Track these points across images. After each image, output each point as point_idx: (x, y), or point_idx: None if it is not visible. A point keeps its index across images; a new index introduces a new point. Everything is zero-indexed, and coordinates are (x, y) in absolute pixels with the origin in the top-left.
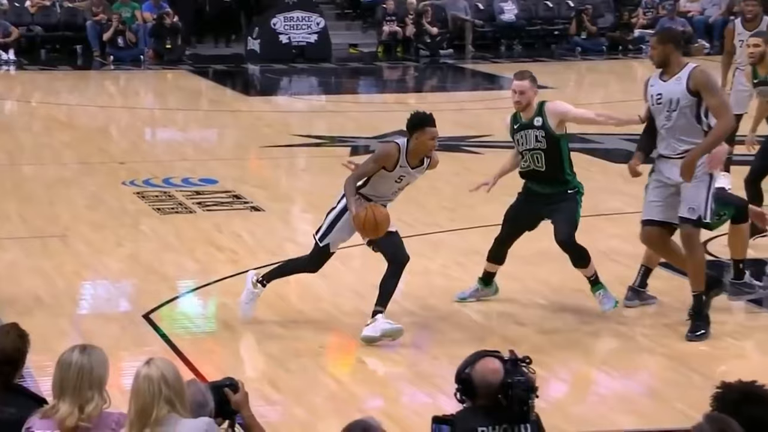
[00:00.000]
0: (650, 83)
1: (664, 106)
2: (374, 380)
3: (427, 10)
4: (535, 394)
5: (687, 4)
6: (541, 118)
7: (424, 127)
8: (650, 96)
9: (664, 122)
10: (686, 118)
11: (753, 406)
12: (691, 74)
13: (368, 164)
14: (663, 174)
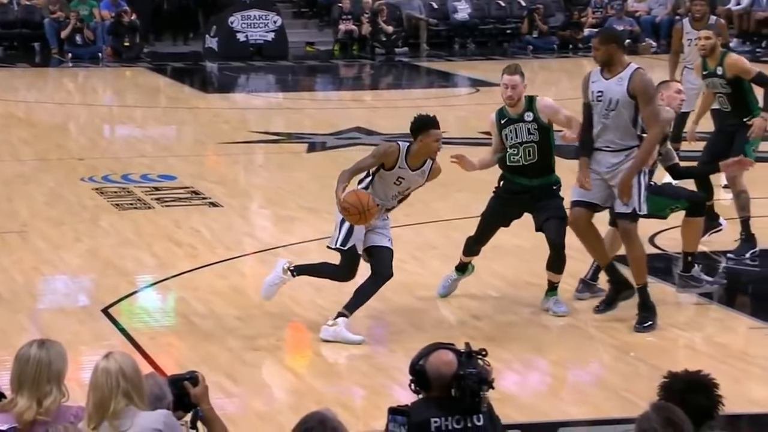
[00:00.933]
0: (591, 78)
1: (603, 103)
2: (332, 372)
3: (382, 9)
4: (488, 386)
5: (634, 4)
6: (532, 113)
7: (429, 129)
8: (591, 92)
9: (602, 119)
10: (623, 118)
11: (698, 395)
12: (632, 77)
13: (366, 159)
14: (594, 164)
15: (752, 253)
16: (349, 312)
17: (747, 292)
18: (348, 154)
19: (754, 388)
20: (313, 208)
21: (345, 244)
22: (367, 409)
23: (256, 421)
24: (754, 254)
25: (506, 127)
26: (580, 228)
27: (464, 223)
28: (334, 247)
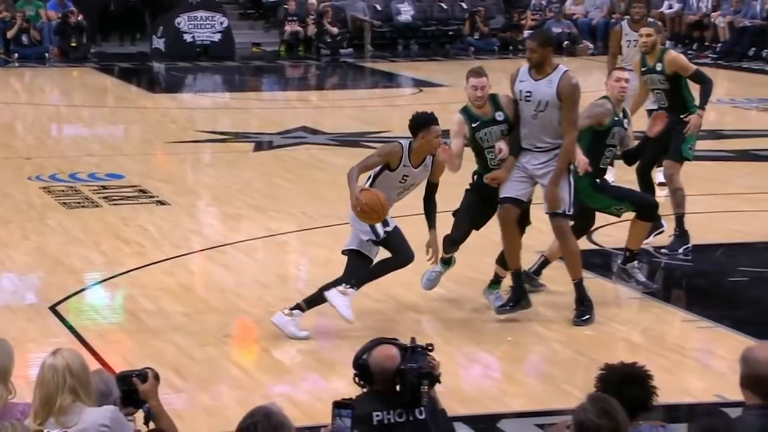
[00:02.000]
0: (519, 78)
1: (532, 104)
2: (278, 367)
3: (327, 11)
4: (429, 380)
5: (572, 7)
6: (502, 113)
7: (430, 126)
8: (518, 91)
9: (530, 119)
10: (550, 119)
11: (633, 387)
12: (561, 80)
13: (372, 158)
14: (521, 162)
15: (685, 248)
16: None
17: (681, 286)
18: (294, 153)
19: (687, 379)
20: (259, 207)
21: (388, 225)
22: (313, 404)
23: (203, 415)
24: (687, 250)
25: (480, 130)
26: (508, 224)
27: (409, 220)
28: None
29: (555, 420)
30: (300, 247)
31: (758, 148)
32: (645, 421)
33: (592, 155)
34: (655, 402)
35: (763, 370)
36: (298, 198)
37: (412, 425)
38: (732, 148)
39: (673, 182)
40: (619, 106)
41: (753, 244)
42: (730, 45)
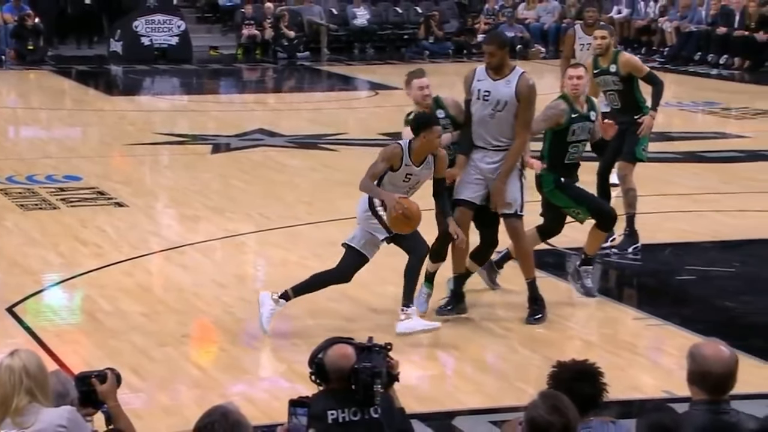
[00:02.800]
0: (477, 77)
1: (490, 103)
2: (236, 367)
3: (284, 15)
4: (386, 379)
5: (524, 12)
6: (443, 111)
7: (431, 125)
8: (476, 90)
9: (487, 119)
10: (507, 119)
11: (584, 383)
12: (520, 81)
13: (377, 165)
14: (475, 161)
15: (634, 248)
16: (410, 301)
17: (631, 285)
18: (251, 155)
19: (637, 376)
20: (217, 208)
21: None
22: (270, 402)
23: (161, 415)
24: (636, 249)
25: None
26: (462, 227)
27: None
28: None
29: (509, 417)
30: (257, 248)
31: (704, 150)
32: (596, 417)
33: (555, 154)
34: (606, 398)
35: (709, 367)
36: (255, 199)
37: (366, 423)
38: (679, 150)
39: (626, 183)
40: (579, 101)
41: (699, 243)
42: (677, 49)
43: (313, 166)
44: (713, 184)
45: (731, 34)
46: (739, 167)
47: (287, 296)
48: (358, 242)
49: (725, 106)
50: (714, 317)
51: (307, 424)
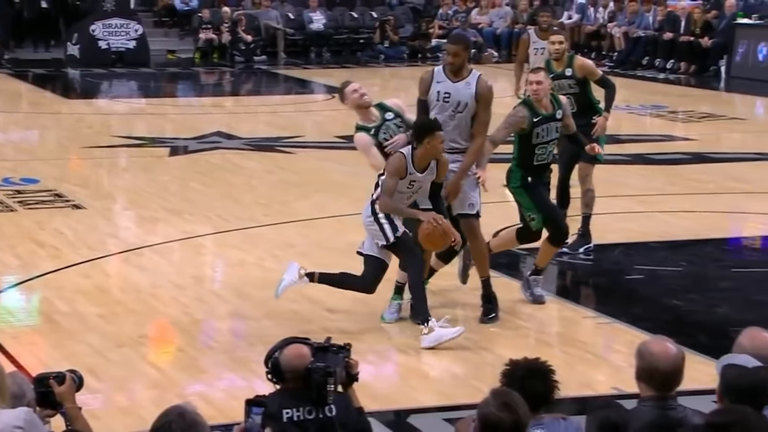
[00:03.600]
0: (436, 78)
1: (450, 105)
2: (193, 367)
3: (241, 19)
4: (340, 378)
5: (477, 17)
6: (391, 113)
7: (434, 131)
8: (436, 92)
9: (447, 120)
10: (467, 120)
11: (536, 381)
12: (479, 82)
13: (388, 182)
14: None
15: (586, 248)
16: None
17: (582, 284)
18: (209, 157)
19: (587, 373)
20: (175, 210)
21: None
22: (228, 402)
23: (118, 415)
24: (588, 250)
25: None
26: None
27: (321, 222)
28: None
29: (463, 414)
30: (215, 249)
31: (652, 152)
32: (547, 413)
33: (523, 155)
34: (558, 395)
35: (656, 363)
36: (213, 201)
37: (321, 422)
38: (628, 152)
39: (585, 183)
40: (542, 104)
41: (648, 243)
42: (626, 54)
43: (270, 169)
44: (661, 186)
45: (677, 40)
46: (685, 169)
47: (312, 277)
48: (371, 249)
49: (672, 110)
50: (662, 315)
51: (262, 423)
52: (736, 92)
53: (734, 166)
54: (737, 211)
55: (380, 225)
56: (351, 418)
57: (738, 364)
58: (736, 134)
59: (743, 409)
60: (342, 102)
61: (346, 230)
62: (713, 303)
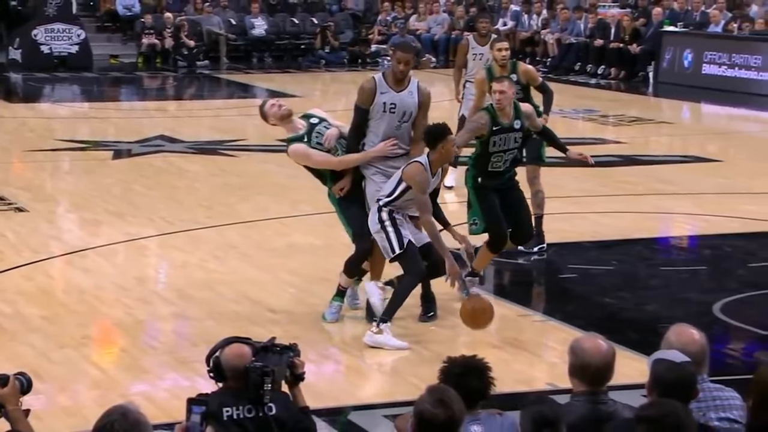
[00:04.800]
0: (380, 90)
1: (397, 115)
2: (136, 367)
3: (183, 25)
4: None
5: (415, 23)
6: (316, 117)
7: (447, 136)
8: (382, 103)
9: (393, 130)
10: (409, 127)
11: (472, 378)
12: (420, 90)
13: (421, 198)
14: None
15: (540, 248)
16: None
17: (517, 283)
18: (152, 160)
19: (522, 369)
20: (119, 212)
21: (402, 245)
22: (171, 401)
23: (61, 415)
24: (542, 249)
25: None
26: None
27: (263, 224)
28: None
29: (402, 411)
30: (159, 251)
31: None
32: (484, 409)
33: (480, 160)
34: (494, 392)
35: (588, 359)
36: (156, 203)
37: (260, 421)
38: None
39: (534, 185)
40: (504, 113)
41: (581, 243)
42: (559, 60)
43: (213, 172)
44: (592, 187)
45: (607, 46)
46: (615, 171)
47: (393, 284)
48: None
49: (603, 114)
50: (593, 313)
51: (203, 422)
52: (663, 97)
53: (661, 168)
54: (664, 211)
55: (387, 235)
56: (292, 417)
57: (666, 359)
58: (663, 137)
59: (671, 402)
60: (266, 121)
61: (287, 232)
62: (642, 301)
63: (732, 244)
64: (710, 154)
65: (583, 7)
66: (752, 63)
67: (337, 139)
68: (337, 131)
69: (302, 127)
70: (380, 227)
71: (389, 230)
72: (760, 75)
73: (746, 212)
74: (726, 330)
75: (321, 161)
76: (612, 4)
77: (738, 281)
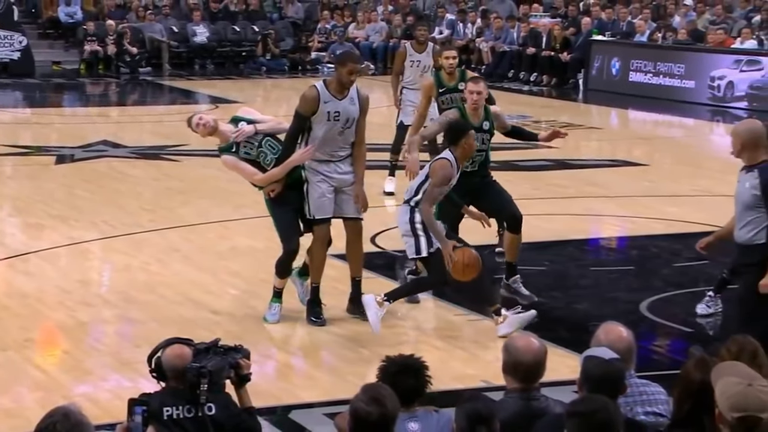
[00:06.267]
0: (323, 99)
1: (340, 122)
2: (79, 369)
3: (126, 32)
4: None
5: (354, 31)
6: (245, 122)
7: (467, 131)
8: (326, 112)
9: (336, 136)
10: (352, 132)
11: (407, 376)
12: (360, 96)
13: (434, 191)
14: (326, 174)
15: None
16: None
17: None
18: (95, 165)
19: (459, 367)
20: (61, 216)
21: (431, 247)
22: (113, 402)
23: (3, 417)
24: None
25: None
26: (324, 242)
27: (205, 227)
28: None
29: (342, 409)
30: (101, 254)
31: (517, 159)
32: (421, 406)
33: None
34: (430, 389)
35: (520, 357)
36: (99, 208)
37: (199, 421)
38: (496, 159)
39: None
40: (475, 114)
41: None
42: (493, 67)
43: (156, 176)
44: (526, 191)
45: (539, 54)
46: (547, 175)
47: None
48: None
49: (536, 119)
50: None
51: (144, 422)
52: (592, 103)
53: (591, 172)
54: (594, 213)
55: (416, 236)
56: (231, 418)
57: (596, 356)
58: (593, 142)
59: (600, 398)
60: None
61: (229, 235)
62: (573, 300)
63: (658, 244)
64: (637, 158)
65: (515, 17)
66: (676, 71)
67: (249, 134)
68: (252, 128)
69: (231, 134)
70: (410, 228)
71: (420, 234)
72: (683, 83)
73: (671, 214)
74: (652, 327)
75: (247, 175)
76: (543, 14)
77: (663, 280)
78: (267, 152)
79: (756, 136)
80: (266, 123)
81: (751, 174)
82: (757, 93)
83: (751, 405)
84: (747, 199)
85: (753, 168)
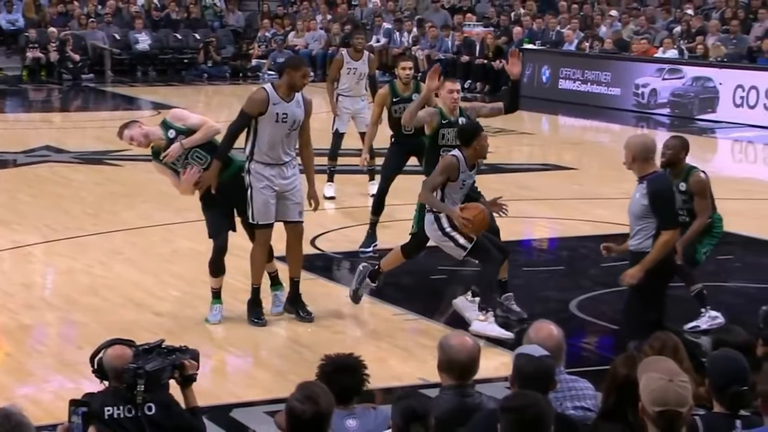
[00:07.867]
0: (272, 101)
1: (287, 124)
2: (21, 371)
3: (68, 39)
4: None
5: (294, 39)
6: (173, 130)
7: (479, 133)
8: (275, 114)
9: (283, 138)
10: (296, 135)
11: (344, 375)
12: (305, 100)
13: (436, 178)
14: (270, 179)
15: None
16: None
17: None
18: (37, 170)
19: (396, 366)
20: (4, 220)
21: (470, 239)
22: (55, 403)
23: None
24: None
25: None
26: (267, 246)
27: (148, 230)
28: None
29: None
30: (44, 258)
31: None
32: (359, 404)
33: (429, 156)
34: (368, 387)
35: (455, 355)
36: (42, 212)
37: (139, 420)
38: None
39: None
40: (453, 114)
41: None
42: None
43: (99, 181)
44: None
45: (473, 62)
46: (481, 178)
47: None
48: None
49: None
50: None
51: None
52: (524, 110)
53: (523, 175)
54: (526, 216)
55: (452, 238)
56: (172, 418)
57: (527, 354)
58: (524, 147)
59: (532, 393)
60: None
61: (172, 238)
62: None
63: (586, 245)
64: (566, 162)
65: (450, 26)
66: (602, 79)
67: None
68: (178, 147)
69: (162, 139)
70: (442, 234)
71: (453, 235)
72: (610, 90)
73: (598, 216)
74: (581, 325)
75: (173, 183)
76: (476, 23)
77: (591, 280)
78: (194, 164)
79: (646, 149)
80: (195, 136)
81: (641, 186)
82: (679, 100)
83: (671, 400)
84: (637, 209)
85: (643, 180)
